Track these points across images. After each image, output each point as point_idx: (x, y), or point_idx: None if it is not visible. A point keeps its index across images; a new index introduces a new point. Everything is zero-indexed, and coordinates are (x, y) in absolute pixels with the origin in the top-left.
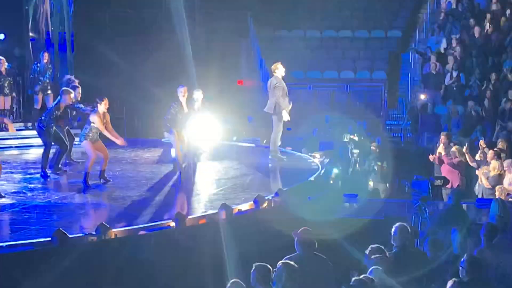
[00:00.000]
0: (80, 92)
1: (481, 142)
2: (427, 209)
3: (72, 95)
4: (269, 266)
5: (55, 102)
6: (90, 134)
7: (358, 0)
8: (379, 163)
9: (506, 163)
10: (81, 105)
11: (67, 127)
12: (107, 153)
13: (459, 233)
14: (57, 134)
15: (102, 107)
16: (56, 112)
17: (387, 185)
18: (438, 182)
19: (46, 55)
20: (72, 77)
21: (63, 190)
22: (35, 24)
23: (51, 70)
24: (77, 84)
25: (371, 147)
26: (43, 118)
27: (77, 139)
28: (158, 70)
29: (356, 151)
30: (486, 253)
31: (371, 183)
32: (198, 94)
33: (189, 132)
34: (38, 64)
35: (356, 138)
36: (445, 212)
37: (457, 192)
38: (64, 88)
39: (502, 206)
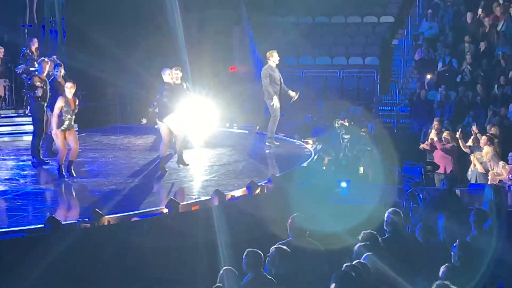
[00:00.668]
0: (63, 71)
1: (474, 128)
2: (421, 195)
3: (48, 65)
4: (260, 252)
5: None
6: (65, 122)
7: None
8: (368, 148)
9: (490, 153)
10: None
11: None
12: (76, 145)
13: (445, 219)
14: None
15: (68, 91)
16: (32, 82)
17: (378, 170)
18: (428, 168)
19: (35, 41)
20: (55, 57)
21: (56, 177)
22: (28, 10)
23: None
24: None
25: (362, 132)
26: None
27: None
28: (151, 57)
29: (346, 136)
30: (478, 239)
31: (361, 168)
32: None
33: (181, 118)
34: (28, 51)
35: (346, 124)
36: (439, 197)
37: (451, 177)
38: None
39: (496, 192)
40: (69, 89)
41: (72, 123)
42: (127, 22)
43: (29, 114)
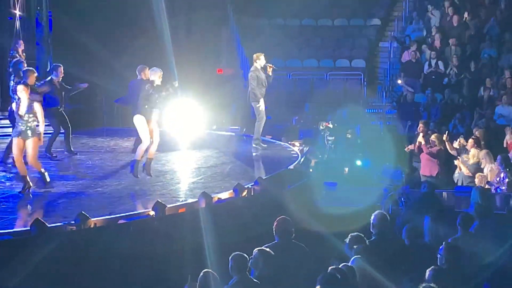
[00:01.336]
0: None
1: (462, 140)
2: (402, 198)
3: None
4: (245, 255)
5: None
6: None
7: None
8: (353, 150)
9: (482, 154)
10: None
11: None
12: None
13: (431, 220)
14: None
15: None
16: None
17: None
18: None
19: (21, 43)
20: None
21: (42, 180)
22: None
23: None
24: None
25: (347, 134)
26: None
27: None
28: (138, 59)
29: (331, 138)
30: (462, 241)
31: (346, 170)
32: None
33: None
34: (16, 55)
35: (331, 126)
36: (419, 200)
37: (431, 180)
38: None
39: (482, 194)
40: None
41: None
42: (114, 25)
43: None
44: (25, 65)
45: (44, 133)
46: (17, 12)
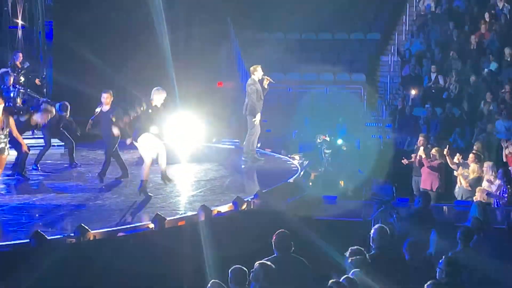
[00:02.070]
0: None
1: (459, 157)
2: (394, 214)
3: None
4: (244, 269)
5: None
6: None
7: (337, 3)
8: (349, 163)
9: (486, 164)
10: None
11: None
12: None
13: (437, 234)
14: None
15: None
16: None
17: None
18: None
19: (20, 55)
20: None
21: (42, 192)
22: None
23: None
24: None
25: (342, 147)
26: None
27: None
28: (138, 73)
29: (328, 151)
30: (462, 256)
31: (341, 182)
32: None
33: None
34: (13, 65)
35: (328, 139)
36: (413, 215)
37: (425, 195)
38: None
39: (482, 209)
40: None
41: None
42: (115, 38)
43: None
44: (12, 78)
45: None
46: (19, 22)
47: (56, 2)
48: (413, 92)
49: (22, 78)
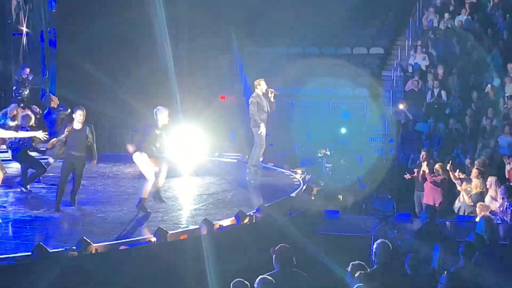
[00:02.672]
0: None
1: (460, 173)
2: (394, 229)
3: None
4: (246, 283)
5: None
6: None
7: (340, 17)
8: (348, 177)
9: (489, 179)
10: None
11: None
12: None
13: (441, 249)
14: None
15: None
16: None
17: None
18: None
19: (27, 70)
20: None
21: (44, 205)
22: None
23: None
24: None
25: (341, 161)
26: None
27: None
28: (141, 86)
29: (328, 165)
30: (464, 271)
31: (340, 197)
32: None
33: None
34: (19, 79)
35: (328, 153)
36: (420, 230)
37: (431, 209)
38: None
39: (488, 225)
40: None
41: None
42: (118, 52)
43: None
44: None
45: None
46: (24, 29)
47: (59, 11)
48: (400, 106)
49: (27, 92)
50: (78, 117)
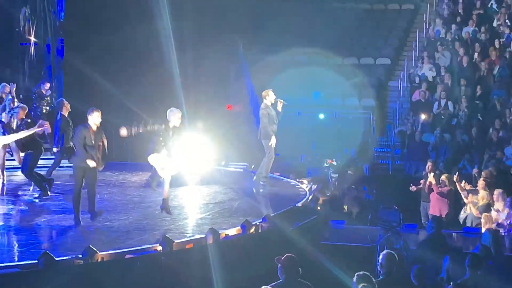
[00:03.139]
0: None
1: (466, 185)
2: (400, 240)
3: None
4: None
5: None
6: None
7: (347, 27)
8: (353, 187)
9: (496, 192)
10: None
11: None
12: None
13: (450, 260)
14: None
15: None
16: None
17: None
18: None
19: (47, 85)
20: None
21: (50, 213)
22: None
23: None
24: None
25: (348, 171)
26: None
27: None
28: (147, 95)
29: (334, 175)
30: (470, 283)
31: (345, 207)
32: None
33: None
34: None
35: (334, 163)
36: (426, 240)
37: (438, 220)
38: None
39: (494, 237)
40: None
41: None
42: (124, 61)
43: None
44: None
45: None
46: (32, 39)
47: (67, 21)
48: (423, 117)
49: (46, 107)
50: (96, 118)
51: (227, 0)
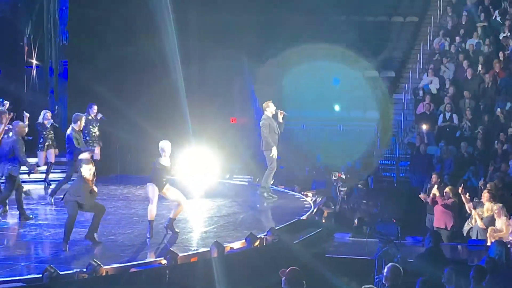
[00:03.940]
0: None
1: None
2: (398, 254)
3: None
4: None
5: None
6: None
7: (351, 40)
8: (364, 201)
9: (496, 207)
10: None
11: None
12: None
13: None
14: None
15: None
16: None
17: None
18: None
19: (95, 108)
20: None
21: (55, 226)
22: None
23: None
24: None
25: (359, 185)
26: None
27: None
28: (152, 108)
29: (343, 189)
30: None
31: (356, 221)
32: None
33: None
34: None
35: (343, 177)
36: (424, 254)
37: (435, 234)
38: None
39: (502, 249)
40: None
41: None
42: (129, 74)
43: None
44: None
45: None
46: (34, 62)
47: (71, 41)
48: (424, 127)
49: (97, 131)
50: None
51: (232, 15)
